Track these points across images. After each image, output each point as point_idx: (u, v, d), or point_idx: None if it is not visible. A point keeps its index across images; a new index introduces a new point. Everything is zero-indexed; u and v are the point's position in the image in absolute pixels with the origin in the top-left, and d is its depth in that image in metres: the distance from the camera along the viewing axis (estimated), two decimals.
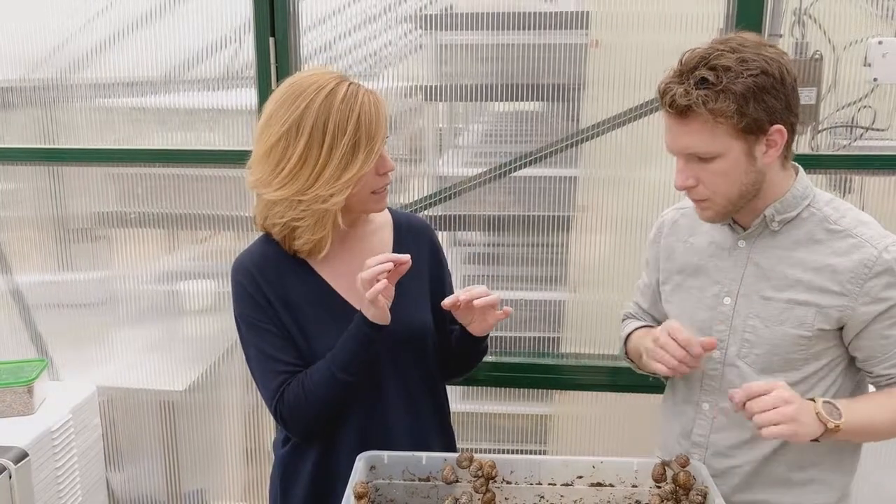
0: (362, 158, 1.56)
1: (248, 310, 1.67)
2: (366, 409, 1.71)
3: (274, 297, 1.66)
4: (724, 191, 1.50)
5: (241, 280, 1.67)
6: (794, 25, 2.21)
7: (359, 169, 1.56)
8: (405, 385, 1.74)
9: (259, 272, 1.67)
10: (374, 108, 1.57)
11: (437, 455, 1.58)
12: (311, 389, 1.62)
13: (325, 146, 1.54)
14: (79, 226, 2.70)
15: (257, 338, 1.67)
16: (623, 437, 2.60)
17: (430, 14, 2.36)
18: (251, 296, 1.66)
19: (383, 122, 1.58)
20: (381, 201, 1.67)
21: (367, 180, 1.61)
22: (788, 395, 1.41)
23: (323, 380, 1.61)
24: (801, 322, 1.54)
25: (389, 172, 1.64)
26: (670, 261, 1.75)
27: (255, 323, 1.66)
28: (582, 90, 2.34)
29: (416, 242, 1.80)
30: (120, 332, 2.76)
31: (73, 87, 2.56)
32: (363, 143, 1.55)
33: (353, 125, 1.54)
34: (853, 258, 1.50)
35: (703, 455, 1.67)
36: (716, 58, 1.42)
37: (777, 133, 1.46)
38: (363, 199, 1.63)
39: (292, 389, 1.63)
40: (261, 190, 1.61)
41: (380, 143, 1.58)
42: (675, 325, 1.56)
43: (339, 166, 1.55)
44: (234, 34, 2.40)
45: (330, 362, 1.61)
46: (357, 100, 1.56)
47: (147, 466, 2.86)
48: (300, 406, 1.63)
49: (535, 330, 2.56)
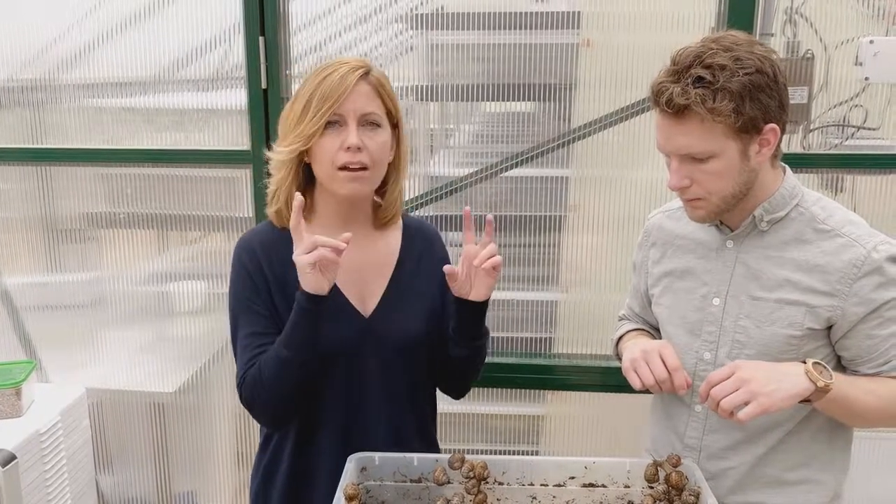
0: (310, 116, 1.58)
1: (241, 288, 1.67)
2: (347, 408, 1.69)
3: (272, 278, 1.65)
4: (719, 190, 1.50)
5: (243, 257, 1.68)
6: (785, 24, 2.22)
7: (306, 125, 1.58)
8: (391, 390, 1.72)
9: (263, 250, 1.67)
10: (342, 81, 1.57)
11: (428, 456, 1.57)
12: (265, 370, 1.60)
13: (293, 104, 1.62)
14: (68, 226, 2.68)
15: (243, 317, 1.66)
16: (615, 438, 2.59)
17: (421, 14, 2.35)
18: (249, 275, 1.66)
19: (344, 92, 1.56)
20: (351, 183, 1.61)
21: (329, 151, 1.59)
22: (747, 374, 1.41)
23: (274, 360, 1.59)
24: (790, 322, 1.54)
25: (356, 152, 1.58)
26: (658, 264, 1.75)
27: (245, 302, 1.66)
28: (573, 90, 2.33)
29: (423, 249, 1.79)
30: (109, 333, 2.74)
31: (62, 87, 2.55)
32: (315, 103, 1.57)
33: (313, 86, 1.58)
34: (842, 258, 1.50)
35: (697, 458, 1.66)
36: (710, 56, 1.42)
37: (771, 132, 1.46)
38: (331, 176, 1.61)
39: (252, 371, 1.62)
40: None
41: (331, 107, 1.57)
42: (670, 349, 1.56)
43: (297, 120, 1.59)
44: (225, 34, 2.39)
45: (280, 341, 1.60)
46: (332, 72, 1.58)
47: (137, 469, 2.84)
48: (255, 386, 1.61)
49: (527, 330, 2.55)
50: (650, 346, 1.57)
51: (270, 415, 1.69)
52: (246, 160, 2.42)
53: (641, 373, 1.55)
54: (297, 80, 2.36)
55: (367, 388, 1.69)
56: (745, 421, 1.40)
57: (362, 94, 1.59)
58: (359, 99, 1.59)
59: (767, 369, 1.44)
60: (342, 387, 1.68)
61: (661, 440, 1.77)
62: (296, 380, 1.59)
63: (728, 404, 1.40)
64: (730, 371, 1.43)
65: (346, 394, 1.68)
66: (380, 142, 1.62)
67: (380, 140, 1.62)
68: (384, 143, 1.63)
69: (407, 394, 1.75)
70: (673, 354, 1.55)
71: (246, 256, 1.67)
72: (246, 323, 1.66)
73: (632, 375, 1.57)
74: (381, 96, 1.63)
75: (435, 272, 1.72)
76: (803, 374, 1.43)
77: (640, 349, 1.57)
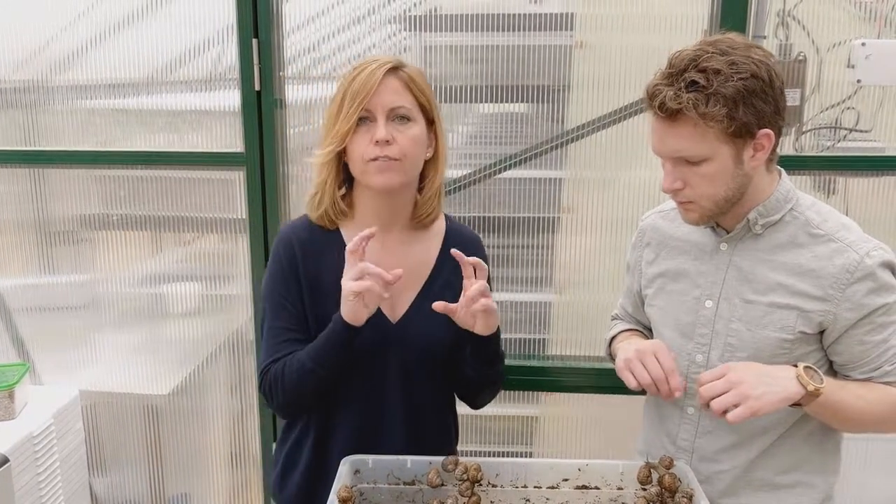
0: (343, 115, 1.60)
1: (275, 282, 1.70)
2: (365, 410, 1.71)
3: (306, 278, 1.68)
4: (711, 194, 1.50)
5: (280, 252, 1.71)
6: (778, 27, 2.22)
7: (340, 124, 1.60)
8: (411, 397, 1.73)
9: (300, 247, 1.70)
10: (372, 77, 1.58)
11: (422, 459, 1.57)
12: (288, 373, 1.64)
13: (329, 106, 1.65)
14: (61, 228, 2.67)
15: (273, 309, 1.70)
16: (610, 439, 2.59)
17: (415, 15, 2.34)
18: (283, 270, 1.69)
19: (373, 87, 1.58)
20: (380, 175, 1.62)
21: (360, 147, 1.61)
22: (737, 376, 1.42)
23: (298, 366, 1.63)
24: (782, 325, 1.54)
25: (385, 145, 1.59)
26: (652, 265, 1.75)
27: (277, 297, 1.70)
28: (567, 91, 2.33)
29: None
30: (103, 335, 2.73)
31: (56, 89, 2.54)
32: (347, 101, 1.59)
33: (345, 86, 1.61)
34: (835, 263, 1.51)
35: (689, 459, 1.66)
36: (705, 60, 1.41)
37: (765, 137, 1.46)
38: (363, 170, 1.63)
39: (276, 368, 1.66)
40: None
41: (360, 103, 1.58)
42: (665, 350, 1.56)
43: (332, 121, 1.62)
44: (218, 37, 2.38)
45: (309, 351, 1.63)
46: (364, 69, 1.60)
47: (131, 471, 2.83)
48: (275, 384, 1.66)
49: (521, 331, 2.55)
50: (644, 346, 1.57)
51: (284, 411, 1.76)
52: (239, 162, 2.40)
53: (637, 372, 1.55)
54: (291, 81, 2.35)
55: (386, 393, 1.71)
56: (734, 422, 1.40)
57: (390, 88, 1.61)
58: (387, 94, 1.60)
59: (758, 372, 1.44)
60: (362, 388, 1.70)
61: (654, 442, 1.77)
62: (317, 388, 1.65)
63: (718, 405, 1.41)
64: (721, 372, 1.44)
65: (365, 396, 1.70)
66: (410, 135, 1.62)
67: (410, 133, 1.62)
68: (415, 137, 1.63)
69: (427, 401, 1.76)
70: (668, 355, 1.55)
71: (283, 252, 1.70)
72: (275, 316, 1.70)
73: (627, 375, 1.57)
74: (412, 91, 1.63)
75: None
76: (794, 378, 1.43)
77: (634, 349, 1.57)
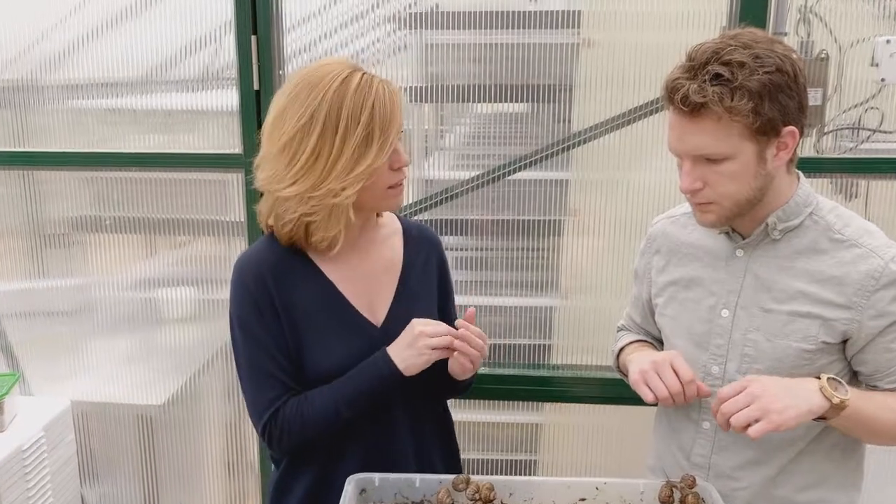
0: (375, 150, 1.49)
1: (248, 316, 1.58)
2: (371, 437, 1.64)
3: (280, 303, 1.57)
4: (732, 194, 1.43)
5: (249, 284, 1.57)
6: (798, 23, 2.17)
7: (372, 161, 1.49)
8: (412, 407, 1.67)
9: (272, 275, 1.58)
10: (389, 99, 1.51)
11: (431, 477, 1.50)
12: (310, 417, 1.55)
13: (337, 138, 1.48)
14: (52, 231, 2.62)
15: (254, 348, 1.58)
16: (617, 448, 2.54)
17: (415, 13, 2.30)
18: (255, 302, 1.57)
19: (398, 114, 1.52)
20: (397, 198, 1.59)
21: (381, 175, 1.54)
22: (759, 389, 1.36)
23: (324, 411, 1.55)
24: (804, 335, 1.48)
25: (404, 168, 1.57)
26: (662, 272, 1.68)
27: (255, 332, 1.57)
28: (572, 91, 2.29)
29: (427, 254, 1.75)
30: (95, 342, 2.67)
31: (46, 89, 2.48)
32: (377, 135, 1.49)
33: (367, 115, 1.49)
34: (859, 269, 1.45)
35: (706, 477, 1.59)
36: (728, 53, 1.35)
37: (789, 135, 1.40)
38: (377, 196, 1.56)
39: (289, 412, 1.56)
40: (273, 187, 1.53)
41: (394, 136, 1.52)
42: (682, 359, 1.50)
43: (351, 158, 1.49)
44: (215, 34, 2.33)
45: (337, 394, 1.55)
46: (371, 89, 1.50)
47: (124, 483, 2.77)
48: (293, 431, 1.56)
49: (525, 337, 2.51)
50: (660, 357, 1.51)
51: (294, 451, 1.64)
52: (237, 164, 2.34)
53: (653, 385, 1.48)
54: None
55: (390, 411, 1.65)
56: (756, 437, 1.34)
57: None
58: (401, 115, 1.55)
59: (781, 385, 1.38)
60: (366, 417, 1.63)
61: (666, 457, 1.70)
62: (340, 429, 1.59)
63: (739, 421, 1.35)
64: (741, 386, 1.38)
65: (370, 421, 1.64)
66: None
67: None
68: None
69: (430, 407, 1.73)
70: (685, 365, 1.49)
71: (253, 284, 1.58)
72: (255, 352, 1.58)
73: (643, 388, 1.50)
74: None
75: (436, 277, 1.74)
76: (817, 391, 1.38)
77: (649, 360, 1.51)
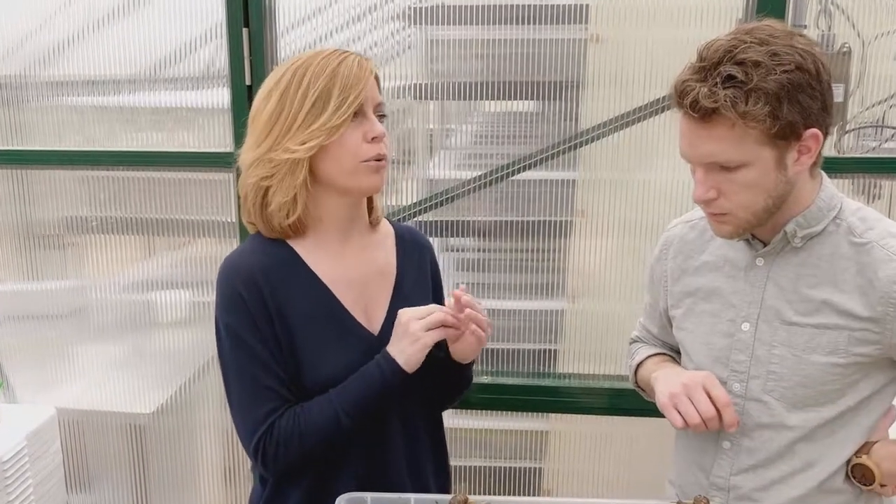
0: (332, 107, 1.44)
1: (239, 323, 1.47)
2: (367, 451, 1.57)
3: (273, 308, 1.48)
4: (749, 204, 1.33)
5: (239, 288, 1.47)
6: (819, 15, 2.09)
7: (328, 118, 1.44)
8: (405, 413, 1.61)
9: (265, 277, 1.48)
10: (358, 66, 1.47)
11: (427, 497, 1.43)
12: (308, 428, 1.46)
13: (297, 97, 1.45)
14: (45, 232, 2.57)
15: (245, 357, 1.48)
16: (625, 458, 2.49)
17: (419, 8, 2.24)
18: (247, 308, 1.47)
19: (366, 81, 1.47)
20: (373, 176, 1.51)
21: (350, 143, 1.47)
22: None
23: (324, 420, 1.47)
24: (833, 348, 1.38)
25: (382, 143, 1.50)
26: (679, 283, 1.58)
27: (247, 340, 1.47)
28: (580, 88, 2.23)
29: (420, 258, 1.70)
30: (85, 347, 2.61)
31: (38, 86, 2.44)
32: (335, 94, 1.44)
33: (329, 75, 1.45)
34: (881, 275, 1.35)
35: (726, 499, 1.51)
36: (742, 51, 1.25)
37: (812, 138, 1.30)
38: (347, 169, 1.48)
39: (285, 424, 1.46)
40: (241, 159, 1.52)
41: (358, 99, 1.46)
42: (715, 382, 1.41)
43: (310, 114, 1.45)
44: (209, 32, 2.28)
45: (336, 402, 1.47)
46: (343, 58, 1.47)
47: (114, 495, 2.70)
48: (291, 445, 1.47)
49: (531, 341, 2.44)
50: (692, 379, 1.41)
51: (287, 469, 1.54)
52: (229, 163, 2.26)
53: (684, 410, 1.39)
54: None
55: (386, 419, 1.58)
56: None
57: (372, 83, 1.51)
58: (373, 88, 1.51)
59: None
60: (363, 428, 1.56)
61: (686, 475, 1.61)
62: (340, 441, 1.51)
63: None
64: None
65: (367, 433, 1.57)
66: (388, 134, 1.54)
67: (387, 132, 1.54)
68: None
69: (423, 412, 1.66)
70: (720, 387, 1.39)
71: (244, 288, 1.47)
72: (245, 362, 1.48)
73: (672, 414, 1.40)
74: (380, 86, 1.55)
75: (430, 280, 1.71)
76: None
77: (680, 382, 1.41)
